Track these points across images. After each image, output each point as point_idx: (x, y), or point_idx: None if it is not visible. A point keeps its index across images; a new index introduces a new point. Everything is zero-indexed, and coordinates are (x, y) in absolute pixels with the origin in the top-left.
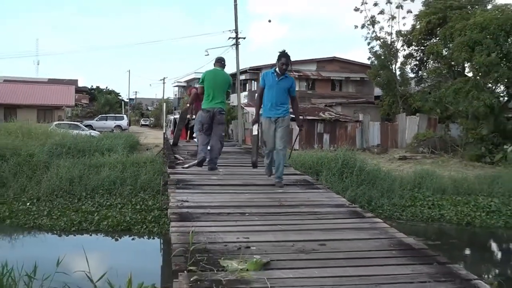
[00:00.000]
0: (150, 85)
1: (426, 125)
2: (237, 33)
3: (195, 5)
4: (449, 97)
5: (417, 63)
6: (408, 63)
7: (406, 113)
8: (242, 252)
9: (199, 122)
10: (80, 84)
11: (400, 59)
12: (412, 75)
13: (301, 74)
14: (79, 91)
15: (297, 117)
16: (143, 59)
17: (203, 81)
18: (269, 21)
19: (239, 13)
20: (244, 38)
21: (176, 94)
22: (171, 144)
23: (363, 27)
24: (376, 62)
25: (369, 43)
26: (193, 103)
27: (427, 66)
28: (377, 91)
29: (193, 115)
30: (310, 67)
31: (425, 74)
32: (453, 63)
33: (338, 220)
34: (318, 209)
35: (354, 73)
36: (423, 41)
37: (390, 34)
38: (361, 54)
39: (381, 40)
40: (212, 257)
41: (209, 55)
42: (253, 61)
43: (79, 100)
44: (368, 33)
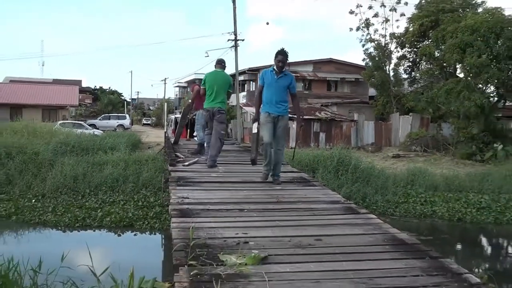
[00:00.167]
0: (151, 85)
1: (418, 124)
2: (236, 35)
3: (195, 8)
4: (441, 97)
5: (410, 64)
6: (401, 64)
7: (399, 112)
8: (241, 247)
9: (202, 121)
10: (83, 85)
11: (394, 61)
12: (405, 76)
13: (298, 75)
14: (83, 91)
15: (298, 114)
16: (145, 60)
17: (204, 82)
18: (267, 24)
19: (237, 16)
20: (243, 40)
21: (177, 94)
22: (172, 142)
23: (358, 29)
24: (370, 64)
25: (363, 45)
26: (194, 99)
27: (419, 67)
28: (372, 91)
29: (193, 112)
30: (306, 68)
31: (418, 75)
32: (445, 64)
33: (334, 216)
34: (314, 206)
35: (349, 74)
36: (416, 43)
37: (384, 36)
38: (356, 56)
39: (376, 42)
40: (211, 252)
41: (209, 56)
42: (252, 62)
43: (82, 100)
44: (362, 35)
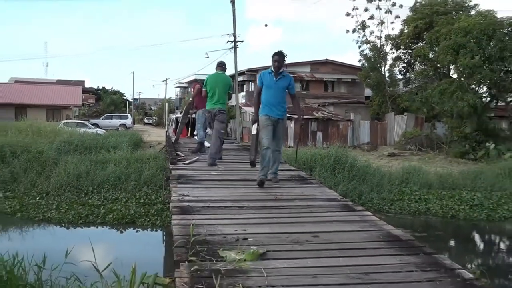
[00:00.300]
0: (153, 86)
1: (413, 124)
2: (235, 36)
3: (195, 10)
4: (435, 97)
5: (405, 65)
6: (396, 65)
7: (394, 112)
8: (240, 243)
9: (203, 120)
10: (87, 85)
11: (389, 62)
12: (400, 76)
13: (296, 76)
14: (86, 91)
15: (299, 114)
16: (146, 61)
17: (206, 84)
18: (266, 26)
19: (237, 18)
20: (242, 42)
21: (177, 95)
22: (173, 141)
23: (354, 31)
24: (366, 65)
25: (359, 47)
26: (195, 98)
27: (414, 68)
28: (367, 91)
29: (194, 111)
30: (304, 69)
31: (412, 75)
32: (438, 65)
33: (331, 213)
34: (312, 203)
35: (345, 75)
36: (410, 44)
37: (380, 38)
38: (352, 57)
39: (371, 44)
40: (211, 248)
41: (209, 57)
42: (251, 63)
43: (86, 100)
44: (359, 37)
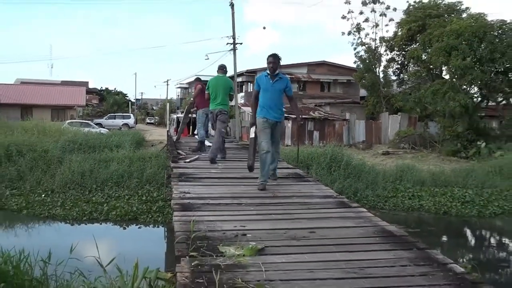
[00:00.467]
0: (154, 86)
1: (407, 123)
2: (234, 39)
3: (196, 13)
4: (428, 97)
5: (399, 66)
6: (390, 66)
7: (388, 112)
8: (239, 239)
9: (203, 119)
10: (90, 86)
11: (383, 63)
12: (394, 77)
13: (293, 77)
14: (90, 92)
15: (297, 115)
16: (148, 62)
17: (208, 87)
18: (264, 28)
19: (236, 21)
20: (241, 44)
21: (178, 95)
22: (174, 140)
23: (349, 33)
24: (361, 66)
25: (355, 48)
26: (196, 98)
27: (408, 69)
28: (363, 92)
29: (194, 109)
30: (301, 70)
31: (406, 76)
32: (431, 66)
33: (327, 210)
34: (308, 200)
35: (341, 76)
36: (404, 46)
37: (374, 40)
38: (348, 59)
39: (366, 46)
40: (211, 244)
41: (209, 59)
42: (250, 64)
43: (89, 100)
44: (354, 39)
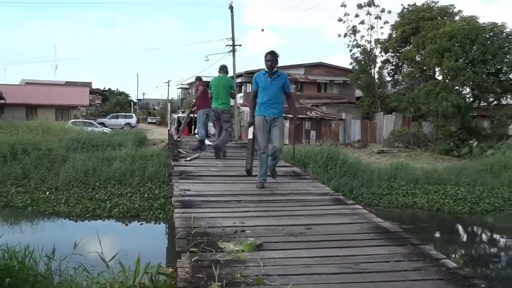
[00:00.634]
0: (156, 87)
1: (401, 122)
2: (233, 41)
3: (196, 16)
4: (421, 98)
5: (393, 67)
6: (385, 67)
7: (383, 112)
8: (238, 235)
9: (203, 119)
10: (93, 86)
11: (378, 64)
12: (388, 78)
13: (291, 77)
14: (93, 92)
15: (294, 114)
16: (150, 63)
17: (210, 87)
18: (262, 30)
19: (235, 23)
20: (240, 45)
21: (179, 95)
22: (175, 139)
23: (345, 36)
24: (357, 67)
25: (351, 50)
26: (198, 99)
27: (402, 70)
28: (358, 92)
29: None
30: (298, 71)
31: (400, 77)
32: (425, 67)
33: (323, 207)
34: (305, 197)
35: (337, 77)
36: (398, 48)
37: (370, 42)
38: (344, 60)
39: (362, 48)
40: (211, 240)
41: (208, 60)
42: (249, 65)
43: (93, 101)
44: (350, 41)
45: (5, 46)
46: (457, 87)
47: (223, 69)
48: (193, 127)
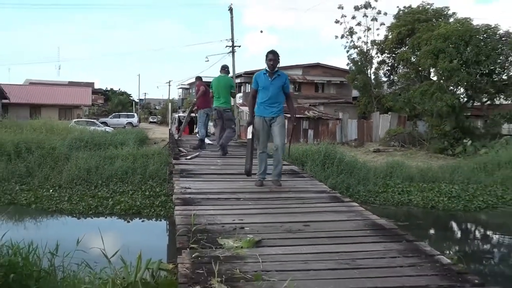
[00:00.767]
0: (157, 87)
1: (396, 122)
2: (233, 42)
3: (196, 17)
4: (417, 98)
5: (389, 68)
6: (381, 68)
7: (379, 112)
8: (237, 232)
9: (203, 119)
10: (96, 86)
11: (375, 65)
12: (385, 79)
13: (289, 78)
14: (95, 92)
15: (292, 113)
16: (151, 64)
17: (211, 86)
18: (261, 32)
19: (234, 24)
20: (240, 46)
21: (180, 95)
22: (176, 138)
23: (342, 37)
24: (353, 68)
25: (348, 51)
26: (199, 98)
27: (397, 71)
28: (355, 92)
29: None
30: (296, 71)
31: (396, 78)
32: (420, 68)
33: (321, 204)
34: (303, 195)
35: (334, 77)
36: (394, 49)
37: (366, 43)
38: (341, 61)
39: (358, 49)
40: (211, 237)
41: (208, 60)
42: (248, 66)
43: (95, 100)
44: (347, 42)
45: (9, 46)
46: (451, 87)
47: (224, 69)
48: (194, 126)
